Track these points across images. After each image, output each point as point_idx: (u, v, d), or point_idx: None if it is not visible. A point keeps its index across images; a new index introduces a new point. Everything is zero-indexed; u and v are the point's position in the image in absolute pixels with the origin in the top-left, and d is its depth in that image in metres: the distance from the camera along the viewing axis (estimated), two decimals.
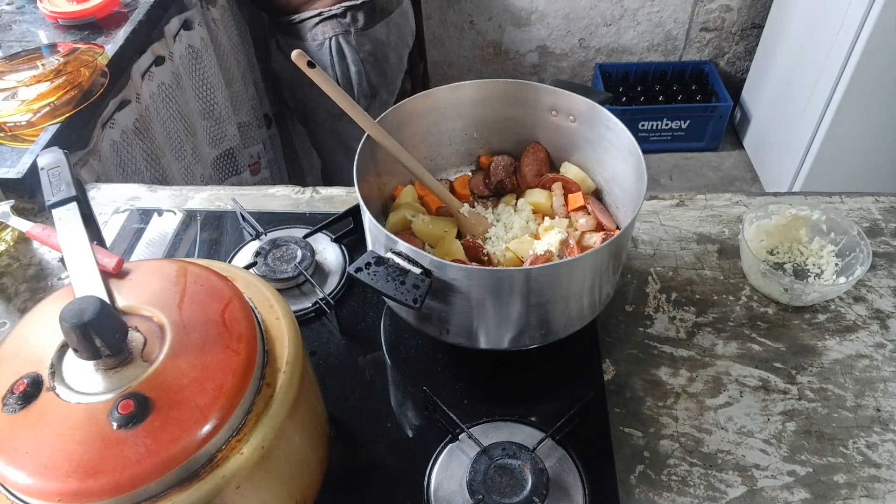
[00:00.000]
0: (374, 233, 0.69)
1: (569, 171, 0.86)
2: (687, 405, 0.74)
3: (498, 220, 0.84)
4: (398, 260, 0.63)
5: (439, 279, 0.64)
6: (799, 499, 0.67)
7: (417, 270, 0.63)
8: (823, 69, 2.02)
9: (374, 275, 0.62)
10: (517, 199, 0.86)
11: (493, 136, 0.89)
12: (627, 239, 0.76)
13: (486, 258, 0.78)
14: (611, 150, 0.79)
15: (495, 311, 0.67)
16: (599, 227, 0.81)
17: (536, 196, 0.84)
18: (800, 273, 0.86)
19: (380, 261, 0.63)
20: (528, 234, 0.81)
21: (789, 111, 2.27)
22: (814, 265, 0.86)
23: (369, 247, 0.74)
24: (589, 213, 0.82)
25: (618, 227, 0.81)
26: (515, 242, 0.79)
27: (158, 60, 1.43)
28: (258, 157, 1.91)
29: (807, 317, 0.82)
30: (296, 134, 2.14)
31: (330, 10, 1.56)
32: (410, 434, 0.73)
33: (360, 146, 0.73)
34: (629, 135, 0.74)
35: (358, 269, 0.63)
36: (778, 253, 0.88)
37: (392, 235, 0.65)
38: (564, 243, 0.77)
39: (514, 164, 0.88)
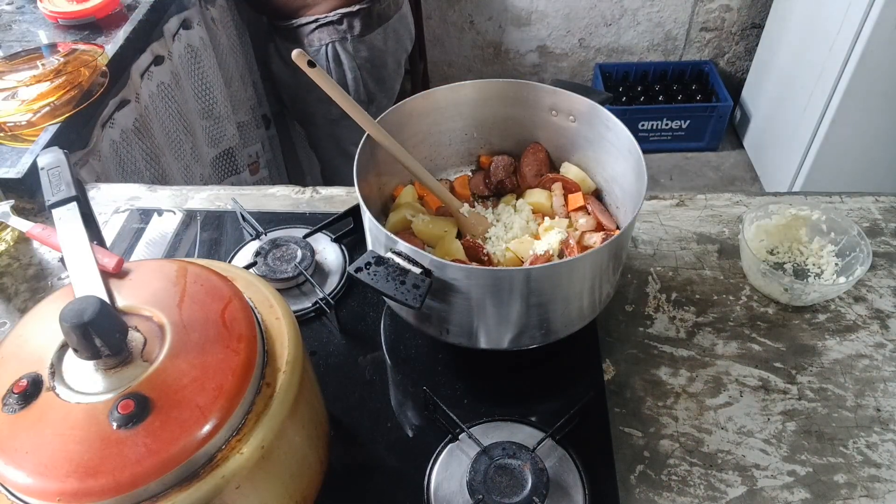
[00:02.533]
0: (374, 233, 0.69)
1: (569, 171, 0.85)
2: (687, 405, 0.74)
3: (498, 220, 0.84)
4: (398, 260, 0.63)
5: (439, 279, 0.64)
6: (799, 499, 0.67)
7: (417, 270, 0.63)
8: (823, 69, 2.02)
9: (375, 275, 0.62)
10: (517, 199, 0.86)
11: (493, 136, 0.89)
12: (627, 239, 0.76)
13: (486, 258, 0.78)
14: (611, 149, 0.79)
15: (495, 311, 0.67)
16: (599, 227, 0.81)
17: (536, 196, 0.84)
18: (800, 273, 0.86)
19: (380, 261, 0.63)
20: (528, 234, 0.81)
21: (789, 111, 2.27)
22: (814, 265, 0.86)
23: (369, 247, 0.74)
24: (589, 213, 0.82)
25: (618, 227, 0.81)
26: (515, 242, 0.79)
27: (157, 60, 1.43)
28: (257, 157, 1.91)
29: (807, 317, 0.82)
30: (295, 134, 2.14)
31: (326, 16, 1.56)
32: (410, 434, 0.73)
33: (360, 146, 0.73)
34: (629, 134, 0.74)
35: (358, 269, 0.63)
36: (778, 253, 0.88)
37: (392, 235, 0.65)
38: (564, 243, 0.77)
39: (514, 164, 0.88)
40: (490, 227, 0.82)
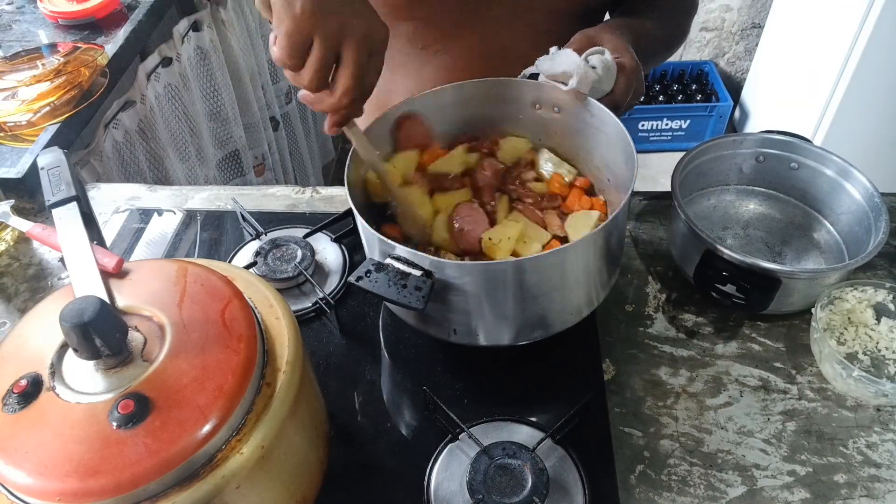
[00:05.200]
0: (369, 238, 0.68)
1: (547, 164, 0.83)
2: (687, 405, 0.74)
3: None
4: (398, 265, 0.63)
5: (438, 279, 0.64)
6: (799, 499, 0.67)
7: (418, 273, 0.63)
8: (823, 69, 2.02)
9: (376, 281, 0.62)
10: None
11: (480, 136, 0.88)
12: (623, 223, 0.75)
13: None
14: (599, 136, 0.78)
15: (490, 306, 0.67)
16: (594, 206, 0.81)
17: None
18: (876, 363, 0.76)
19: (380, 267, 0.63)
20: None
21: (790, 111, 2.27)
22: (886, 349, 0.76)
23: (366, 252, 0.74)
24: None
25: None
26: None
27: (165, 62, 1.43)
28: (263, 159, 1.91)
29: (807, 317, 0.82)
30: (301, 137, 2.14)
31: None
32: (410, 434, 0.73)
33: (351, 150, 0.73)
34: (615, 119, 0.73)
35: (359, 278, 0.63)
36: (846, 342, 0.77)
37: (388, 241, 0.65)
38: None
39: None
40: (425, 226, 0.76)
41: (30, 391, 0.51)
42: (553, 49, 0.77)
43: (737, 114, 2.69)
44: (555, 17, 0.90)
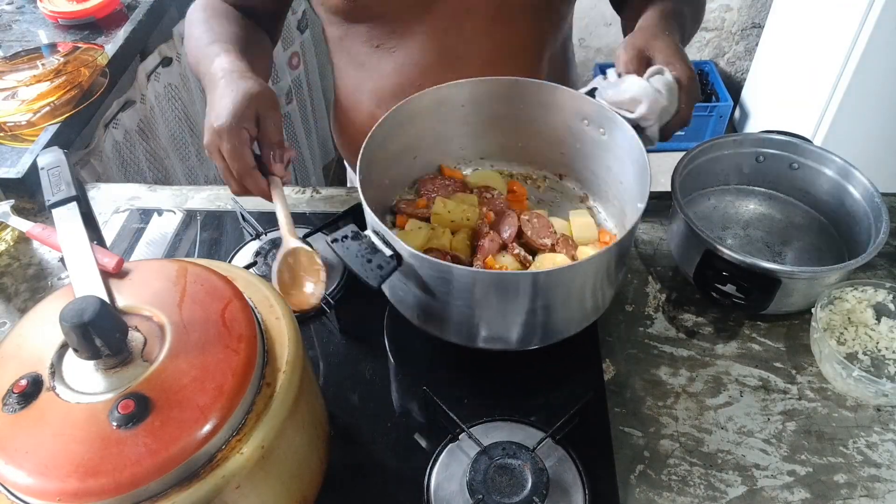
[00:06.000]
0: (370, 218, 0.69)
1: (578, 218, 0.83)
2: (687, 405, 0.74)
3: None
4: (374, 239, 0.65)
5: (444, 280, 0.64)
6: (799, 499, 0.67)
7: (388, 252, 0.63)
8: (823, 69, 2.02)
9: (347, 248, 0.64)
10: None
11: (493, 135, 0.88)
12: (630, 243, 0.76)
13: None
14: (615, 150, 0.79)
15: (499, 314, 0.67)
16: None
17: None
18: (877, 363, 0.76)
19: (357, 236, 0.65)
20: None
21: (790, 111, 2.27)
22: (886, 349, 0.76)
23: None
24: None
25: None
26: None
27: (165, 62, 1.43)
28: None
29: (807, 317, 0.82)
30: (302, 137, 2.14)
31: None
32: (410, 434, 0.73)
33: (364, 143, 0.73)
34: (633, 134, 0.74)
35: (335, 240, 0.65)
36: (846, 342, 0.78)
37: (375, 216, 0.65)
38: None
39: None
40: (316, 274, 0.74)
41: (30, 391, 0.51)
42: (611, 73, 0.75)
43: (737, 114, 2.69)
44: (507, 9, 0.89)
